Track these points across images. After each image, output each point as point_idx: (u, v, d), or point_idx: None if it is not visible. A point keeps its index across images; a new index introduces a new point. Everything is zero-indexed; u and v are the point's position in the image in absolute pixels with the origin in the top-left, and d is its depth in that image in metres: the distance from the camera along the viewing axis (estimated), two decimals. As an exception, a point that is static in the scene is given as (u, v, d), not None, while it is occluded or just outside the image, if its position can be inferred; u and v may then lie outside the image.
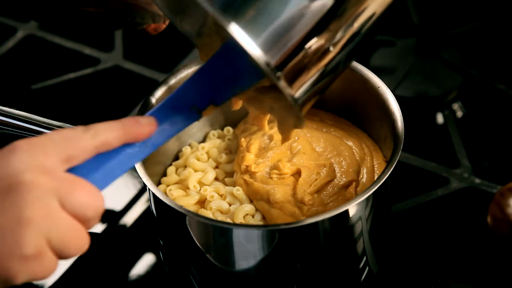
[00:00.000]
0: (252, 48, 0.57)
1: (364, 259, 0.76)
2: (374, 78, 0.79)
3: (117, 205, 0.91)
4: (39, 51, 1.14)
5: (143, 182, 0.72)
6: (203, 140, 0.86)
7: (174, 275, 0.80)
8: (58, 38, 1.14)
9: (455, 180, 0.91)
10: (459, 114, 1.00)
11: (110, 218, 0.90)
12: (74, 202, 0.55)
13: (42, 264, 0.55)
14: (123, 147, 0.59)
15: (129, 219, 0.90)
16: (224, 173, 0.81)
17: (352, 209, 0.70)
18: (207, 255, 0.73)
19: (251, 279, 0.74)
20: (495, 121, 0.98)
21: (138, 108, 0.78)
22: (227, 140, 0.85)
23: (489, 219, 0.82)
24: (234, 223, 0.75)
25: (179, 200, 0.77)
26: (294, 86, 0.60)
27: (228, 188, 0.79)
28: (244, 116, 0.85)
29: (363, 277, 0.77)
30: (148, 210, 0.90)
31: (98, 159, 0.58)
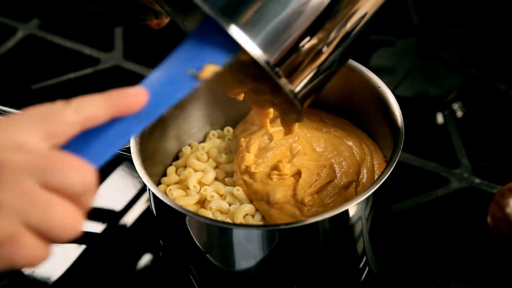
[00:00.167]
0: (252, 48, 0.58)
1: (364, 259, 0.76)
2: (374, 78, 0.79)
3: (117, 205, 0.91)
4: (39, 51, 1.14)
5: (143, 182, 0.72)
6: (203, 140, 0.86)
7: (174, 275, 0.80)
8: (58, 38, 1.14)
9: (455, 180, 0.91)
10: (459, 114, 1.00)
11: (110, 218, 0.90)
12: (57, 178, 0.51)
13: (20, 248, 0.51)
14: (116, 120, 0.55)
15: (129, 219, 0.90)
16: (224, 173, 0.81)
17: (352, 209, 0.70)
18: (207, 255, 0.73)
19: (251, 279, 0.74)
20: (495, 121, 0.98)
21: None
22: (227, 140, 0.85)
23: (489, 219, 0.82)
24: (234, 223, 0.75)
25: (179, 200, 0.77)
26: (294, 82, 0.61)
27: (228, 188, 0.79)
28: (244, 116, 0.85)
29: (363, 277, 0.77)
30: (148, 210, 0.90)
31: (89, 134, 0.54)
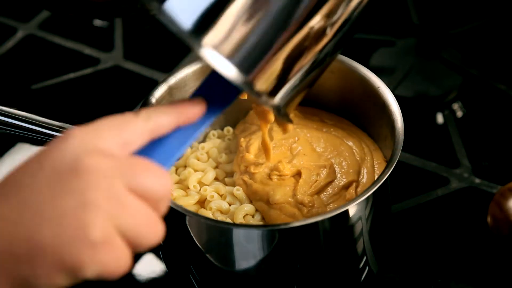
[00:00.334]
0: (227, 69, 0.57)
1: (364, 259, 0.76)
2: (374, 78, 0.79)
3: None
4: (39, 51, 1.14)
5: (143, 182, 0.72)
6: (203, 140, 0.86)
7: (174, 275, 0.80)
8: (58, 38, 1.14)
9: (455, 180, 0.91)
10: (459, 114, 1.00)
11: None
12: (141, 182, 0.52)
13: (112, 253, 0.50)
14: (178, 129, 0.58)
15: (129, 219, 0.90)
16: (224, 173, 0.81)
17: (352, 209, 0.70)
18: (207, 255, 0.73)
19: (251, 279, 0.74)
20: (495, 121, 0.98)
21: (138, 108, 0.78)
22: (227, 140, 0.85)
23: (489, 219, 0.82)
24: (234, 223, 0.75)
25: (179, 200, 0.77)
26: (273, 97, 0.59)
27: (228, 188, 0.79)
28: (244, 116, 0.85)
29: (363, 277, 0.77)
30: (148, 210, 0.90)
31: (155, 143, 0.57)
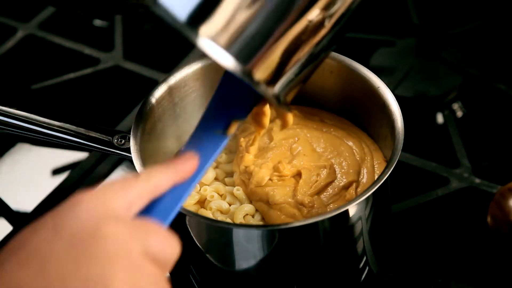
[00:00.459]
0: (225, 59, 0.57)
1: (364, 259, 0.76)
2: (374, 78, 0.79)
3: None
4: (39, 51, 1.14)
5: (143, 182, 0.72)
6: (203, 140, 0.86)
7: (174, 275, 0.80)
8: (58, 38, 1.14)
9: (455, 180, 0.91)
10: (459, 114, 1.00)
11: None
12: (153, 247, 0.53)
13: None
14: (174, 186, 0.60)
15: (129, 219, 0.90)
16: (224, 173, 0.81)
17: (352, 209, 0.70)
18: (207, 255, 0.73)
19: (251, 279, 0.74)
20: (495, 121, 0.98)
21: (138, 108, 0.78)
22: (227, 140, 0.85)
23: (489, 219, 0.82)
24: (234, 223, 0.75)
25: (179, 200, 0.77)
26: (273, 86, 0.60)
27: (228, 188, 0.78)
28: (244, 116, 0.85)
29: (363, 277, 0.77)
30: (148, 210, 0.90)
31: (154, 201, 0.58)
